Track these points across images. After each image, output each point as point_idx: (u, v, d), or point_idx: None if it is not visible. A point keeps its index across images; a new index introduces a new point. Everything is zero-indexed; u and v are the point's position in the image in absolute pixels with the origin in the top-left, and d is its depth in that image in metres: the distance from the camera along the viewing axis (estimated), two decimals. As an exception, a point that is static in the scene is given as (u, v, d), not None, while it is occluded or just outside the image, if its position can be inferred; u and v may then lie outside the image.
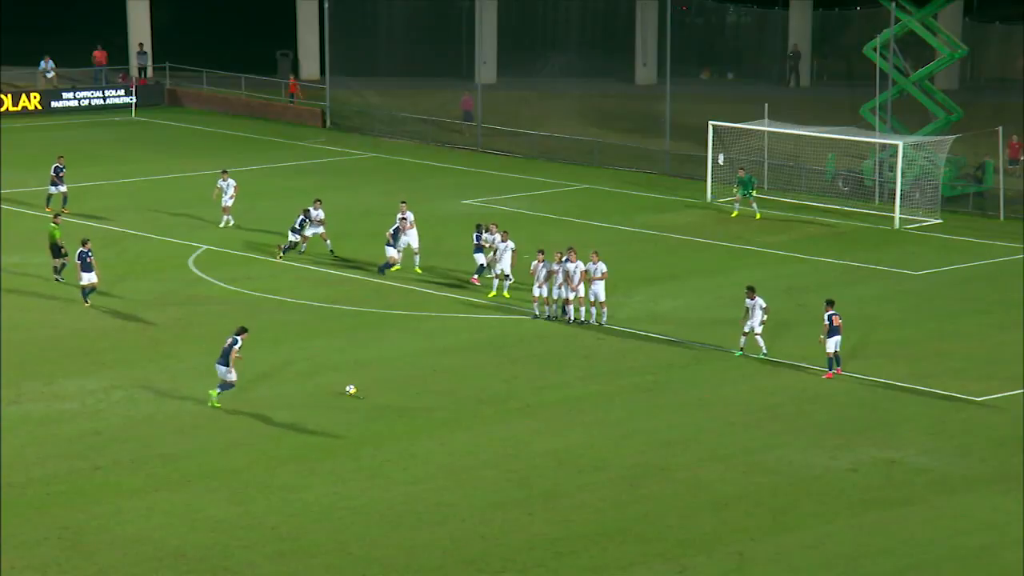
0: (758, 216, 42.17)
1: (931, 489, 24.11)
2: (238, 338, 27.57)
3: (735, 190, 43.67)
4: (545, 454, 25.65)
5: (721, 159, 46.70)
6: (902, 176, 43.76)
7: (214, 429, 26.86)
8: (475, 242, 36.38)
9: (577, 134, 55.48)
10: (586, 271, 32.78)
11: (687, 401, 28.42)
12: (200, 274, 37.86)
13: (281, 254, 37.90)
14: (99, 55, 65.49)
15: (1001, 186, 45.10)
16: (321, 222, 39.22)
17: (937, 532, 22.41)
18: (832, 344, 29.48)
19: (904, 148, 43.72)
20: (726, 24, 70.59)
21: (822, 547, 21.91)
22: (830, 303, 29.95)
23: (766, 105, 47.38)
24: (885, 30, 47.18)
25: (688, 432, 26.69)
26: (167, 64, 64.59)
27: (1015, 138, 49.25)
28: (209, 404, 27.50)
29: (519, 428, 26.99)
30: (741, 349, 30.60)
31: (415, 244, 37.54)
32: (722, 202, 46.09)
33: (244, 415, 27.66)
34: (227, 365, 27.45)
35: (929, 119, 47.54)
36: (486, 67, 62.56)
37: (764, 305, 30.30)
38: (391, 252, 37.01)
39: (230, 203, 43.07)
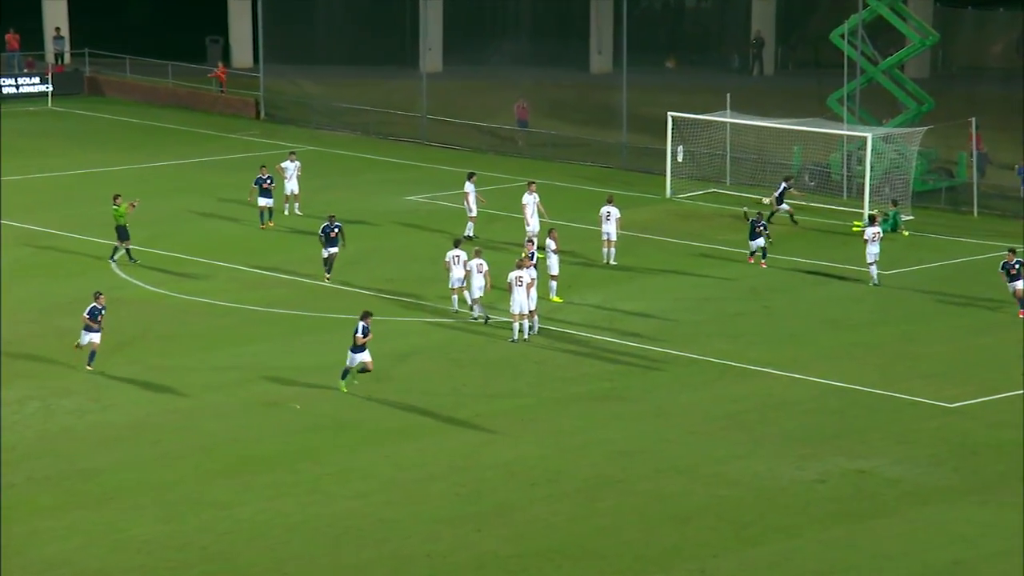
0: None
1: (903, 501, 24.36)
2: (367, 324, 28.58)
3: (886, 219, 42.43)
4: (496, 466, 25.68)
5: (680, 154, 46.91)
6: (871, 170, 44.13)
7: (140, 442, 26.68)
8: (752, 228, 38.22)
9: (528, 126, 55.48)
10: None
11: (646, 409, 28.54)
12: (124, 276, 37.59)
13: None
14: (11, 39, 64.65)
15: (975, 180, 45.62)
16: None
17: (909, 546, 22.65)
18: (1015, 285, 33.49)
19: (873, 140, 44.09)
20: (685, 9, 70.93)
21: (788, 563, 22.07)
22: (1011, 251, 33.88)
23: (728, 95, 47.67)
24: (853, 16, 47.57)
25: (647, 442, 26.81)
26: (86, 50, 63.94)
27: (973, 127, 49.74)
28: (341, 389, 28.55)
29: (468, 439, 27.01)
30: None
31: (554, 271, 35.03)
32: (682, 198, 46.33)
33: (173, 426, 27.49)
34: (363, 350, 28.54)
35: (899, 110, 47.99)
36: (431, 55, 62.49)
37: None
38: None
39: (296, 189, 42.91)
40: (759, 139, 47.63)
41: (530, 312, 32.07)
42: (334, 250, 36.13)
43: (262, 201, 41.60)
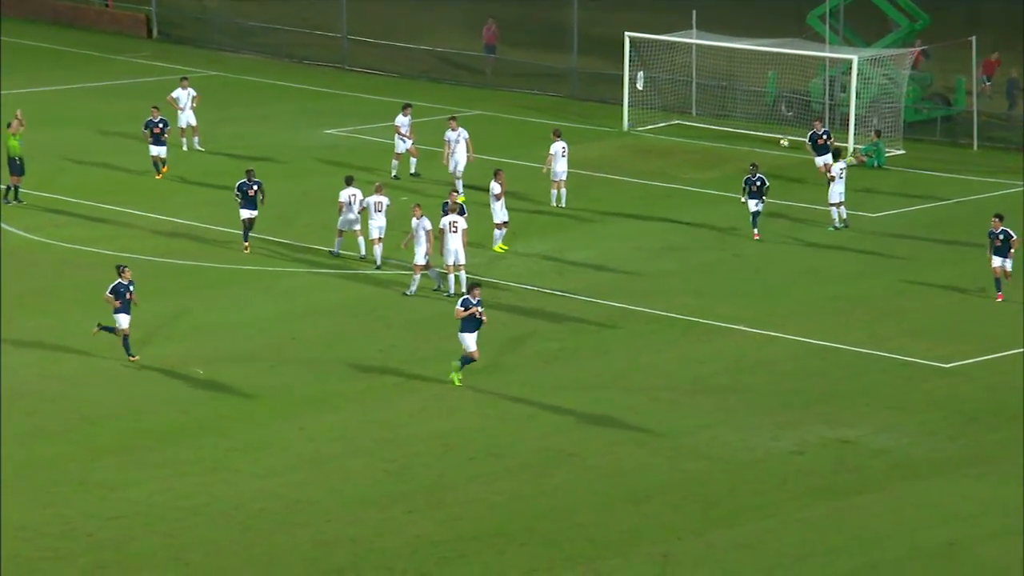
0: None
1: (891, 474, 24.65)
2: (471, 298, 27.29)
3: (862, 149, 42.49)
4: (429, 439, 25.74)
5: (640, 81, 46.93)
6: (857, 98, 44.36)
7: (14, 413, 26.49)
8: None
9: (466, 48, 55.33)
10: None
11: (600, 373, 28.67)
12: (-4, 222, 37.29)
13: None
14: None
15: (975, 109, 45.97)
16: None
17: (898, 525, 22.94)
18: (997, 261, 31.70)
19: (859, 64, 44.31)
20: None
21: (762, 545, 22.31)
22: (998, 217, 31.90)
23: (694, 12, 47.69)
24: (836, -81, 47.67)
25: (602, 410, 26.95)
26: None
27: (996, 56, 50.10)
28: (453, 382, 27.44)
29: (397, 408, 27.03)
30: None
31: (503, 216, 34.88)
32: (641, 131, 46.40)
33: (53, 395, 27.29)
34: (474, 329, 27.22)
35: (889, 28, 48.21)
36: (352, -36, 61.88)
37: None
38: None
39: (193, 121, 42.54)
40: (729, 63, 47.72)
41: (457, 265, 32.03)
42: (253, 213, 34.91)
43: (154, 150, 40.86)
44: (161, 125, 40.69)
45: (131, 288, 28.40)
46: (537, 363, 29.09)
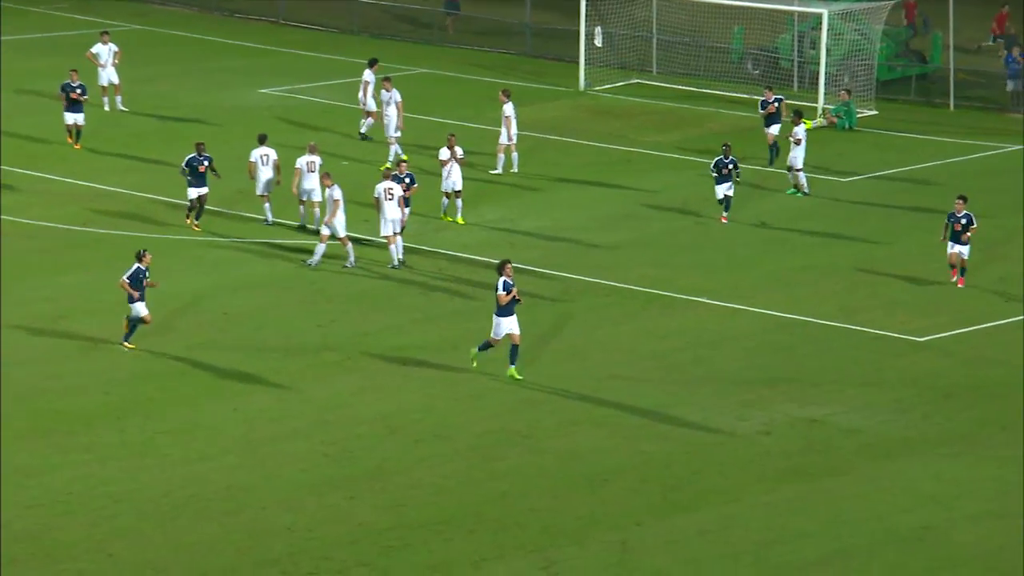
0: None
1: (862, 455, 24.84)
2: (508, 279, 26.46)
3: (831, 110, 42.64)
4: (371, 420, 25.76)
5: (598, 37, 46.96)
6: (827, 55, 44.54)
7: (-74, 396, 26.36)
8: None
9: (411, 2, 55.18)
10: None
11: (555, 349, 28.73)
12: (-98, 189, 37.01)
13: None
14: None
15: (951, 67, 46.24)
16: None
17: (870, 509, 23.13)
18: (956, 248, 31.08)
19: (829, 18, 44.48)
20: None
21: (725, 531, 22.45)
22: (961, 199, 31.22)
23: (655, -37, 47.80)
24: None
25: (557, 388, 27.01)
26: None
27: (1006, 9, 50.38)
28: (472, 363, 27.07)
29: (337, 387, 27.03)
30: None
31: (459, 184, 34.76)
32: (598, 91, 46.41)
33: (-33, 376, 27.19)
34: (510, 313, 26.44)
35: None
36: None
37: None
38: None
39: (115, 79, 42.17)
40: (692, 18, 47.81)
41: (395, 233, 31.99)
42: (203, 190, 34.22)
43: (69, 117, 40.15)
44: (79, 90, 40.06)
45: (147, 273, 27.96)
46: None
